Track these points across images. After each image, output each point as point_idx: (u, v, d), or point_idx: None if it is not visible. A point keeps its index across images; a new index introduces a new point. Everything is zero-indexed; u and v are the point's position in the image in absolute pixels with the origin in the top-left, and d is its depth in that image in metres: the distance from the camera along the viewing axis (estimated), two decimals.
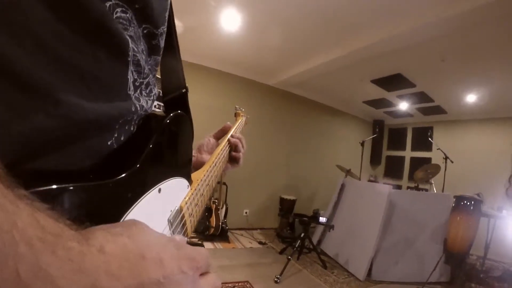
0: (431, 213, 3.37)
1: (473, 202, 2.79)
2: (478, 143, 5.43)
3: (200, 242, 3.82)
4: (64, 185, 0.24)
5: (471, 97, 4.76)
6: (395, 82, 4.55)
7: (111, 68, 0.31)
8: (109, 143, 0.32)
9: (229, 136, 0.78)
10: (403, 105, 5.74)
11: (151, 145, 0.36)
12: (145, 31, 0.37)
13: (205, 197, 0.56)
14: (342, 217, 4.08)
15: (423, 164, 4.60)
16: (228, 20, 3.32)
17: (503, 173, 4.49)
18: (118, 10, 0.30)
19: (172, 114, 0.42)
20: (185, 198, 0.46)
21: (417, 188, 4.43)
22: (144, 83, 0.38)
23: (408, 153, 6.82)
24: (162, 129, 0.40)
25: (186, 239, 0.45)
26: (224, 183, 4.47)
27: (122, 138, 0.34)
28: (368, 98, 5.76)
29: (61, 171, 0.26)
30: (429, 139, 4.85)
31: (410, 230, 3.36)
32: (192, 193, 0.48)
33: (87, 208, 0.25)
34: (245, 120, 1.04)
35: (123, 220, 0.28)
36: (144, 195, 0.33)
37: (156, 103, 0.44)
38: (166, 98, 0.51)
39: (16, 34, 0.22)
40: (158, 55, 0.42)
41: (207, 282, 0.30)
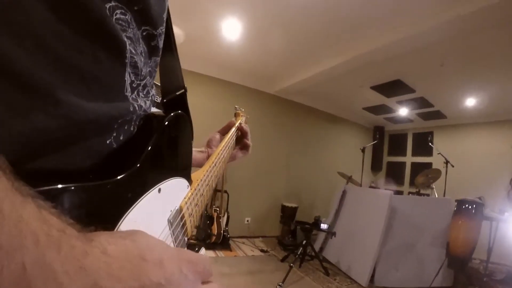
0: (432, 218, 3.35)
1: (474, 206, 2.78)
2: (479, 147, 5.42)
3: (199, 243, 3.80)
4: (65, 185, 0.24)
5: (470, 101, 4.78)
6: (394, 88, 4.57)
7: (110, 69, 0.31)
8: (108, 142, 0.32)
9: (238, 124, 0.83)
10: (403, 111, 5.75)
11: (151, 145, 0.36)
12: (144, 33, 0.37)
13: (205, 197, 0.56)
14: (343, 224, 4.05)
15: (424, 169, 4.57)
16: (229, 29, 3.35)
17: (504, 175, 4.47)
18: (118, 12, 0.30)
19: (172, 114, 0.42)
20: (185, 198, 0.46)
21: (418, 193, 4.41)
22: (141, 85, 0.38)
23: (409, 159, 6.79)
24: (162, 129, 0.40)
25: (186, 239, 0.46)
26: (225, 191, 4.45)
27: (121, 138, 0.34)
28: (368, 105, 5.78)
29: (61, 171, 0.26)
30: (430, 144, 4.85)
31: (412, 235, 3.34)
32: (192, 193, 0.48)
33: (87, 208, 0.25)
34: (245, 120, 1.04)
35: (122, 220, 0.29)
36: (144, 195, 0.33)
37: (154, 109, 0.44)
38: (165, 99, 0.51)
39: (17, 34, 0.21)
40: (158, 56, 0.42)
41: None
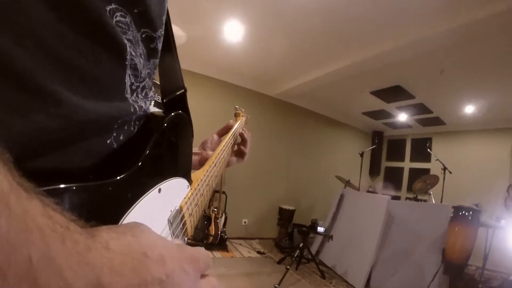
0: (429, 223, 3.34)
1: (471, 212, 2.78)
2: (477, 154, 5.43)
3: (197, 244, 3.79)
4: (65, 185, 0.24)
5: (469, 108, 4.80)
6: (394, 93, 4.59)
7: (111, 70, 0.31)
8: (108, 142, 0.32)
9: (238, 130, 0.82)
10: (402, 116, 5.77)
11: (151, 145, 0.36)
12: (143, 35, 0.37)
13: (205, 197, 0.56)
14: (341, 228, 4.06)
15: (422, 175, 4.57)
16: (231, 31, 3.36)
17: (502, 183, 4.48)
18: (118, 14, 0.30)
19: (172, 114, 0.43)
20: (185, 198, 0.46)
21: (415, 199, 4.42)
22: (140, 86, 0.38)
23: (407, 164, 6.80)
24: (162, 129, 0.40)
25: (185, 239, 0.46)
26: (223, 192, 4.44)
27: (121, 138, 0.34)
28: (367, 110, 5.80)
29: (61, 171, 0.26)
30: (428, 150, 4.88)
31: (409, 241, 3.33)
32: (192, 193, 0.48)
33: (87, 208, 0.25)
34: (245, 120, 1.04)
35: (122, 221, 0.29)
36: (144, 195, 0.33)
37: (154, 109, 0.44)
38: (165, 99, 0.51)
39: (17, 34, 0.21)
40: (156, 58, 0.42)
41: (208, 283, 0.30)
